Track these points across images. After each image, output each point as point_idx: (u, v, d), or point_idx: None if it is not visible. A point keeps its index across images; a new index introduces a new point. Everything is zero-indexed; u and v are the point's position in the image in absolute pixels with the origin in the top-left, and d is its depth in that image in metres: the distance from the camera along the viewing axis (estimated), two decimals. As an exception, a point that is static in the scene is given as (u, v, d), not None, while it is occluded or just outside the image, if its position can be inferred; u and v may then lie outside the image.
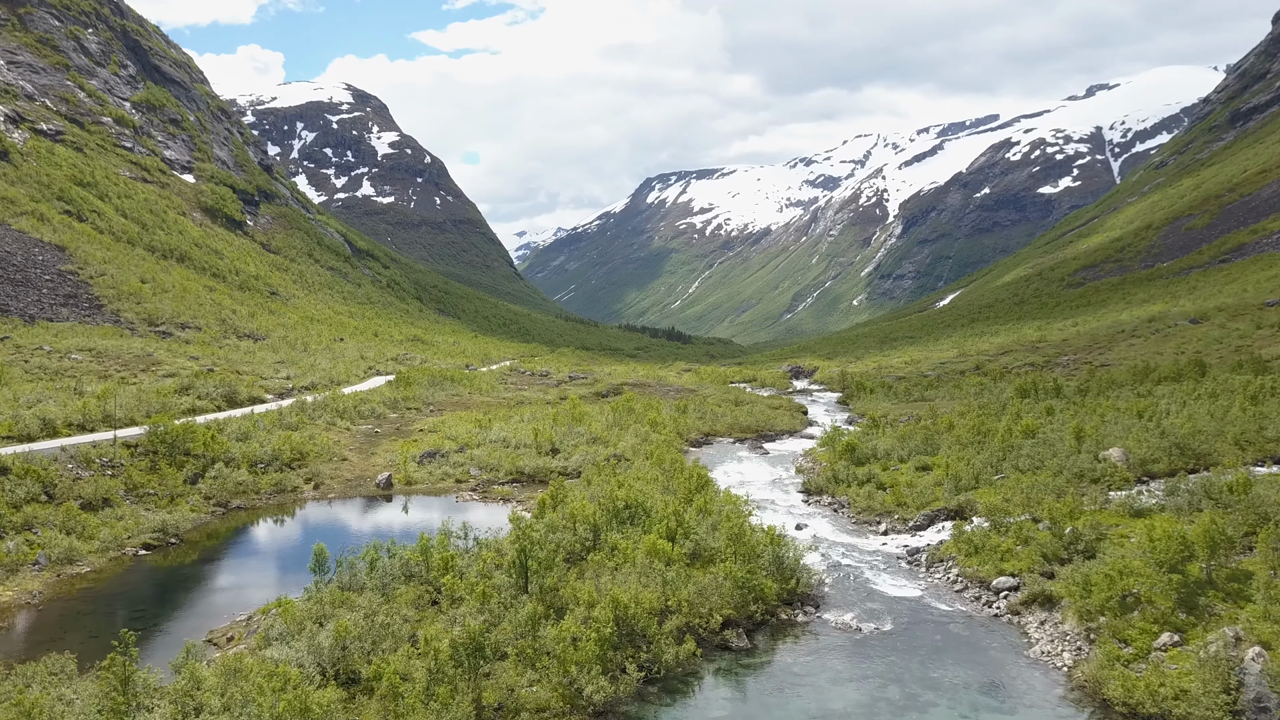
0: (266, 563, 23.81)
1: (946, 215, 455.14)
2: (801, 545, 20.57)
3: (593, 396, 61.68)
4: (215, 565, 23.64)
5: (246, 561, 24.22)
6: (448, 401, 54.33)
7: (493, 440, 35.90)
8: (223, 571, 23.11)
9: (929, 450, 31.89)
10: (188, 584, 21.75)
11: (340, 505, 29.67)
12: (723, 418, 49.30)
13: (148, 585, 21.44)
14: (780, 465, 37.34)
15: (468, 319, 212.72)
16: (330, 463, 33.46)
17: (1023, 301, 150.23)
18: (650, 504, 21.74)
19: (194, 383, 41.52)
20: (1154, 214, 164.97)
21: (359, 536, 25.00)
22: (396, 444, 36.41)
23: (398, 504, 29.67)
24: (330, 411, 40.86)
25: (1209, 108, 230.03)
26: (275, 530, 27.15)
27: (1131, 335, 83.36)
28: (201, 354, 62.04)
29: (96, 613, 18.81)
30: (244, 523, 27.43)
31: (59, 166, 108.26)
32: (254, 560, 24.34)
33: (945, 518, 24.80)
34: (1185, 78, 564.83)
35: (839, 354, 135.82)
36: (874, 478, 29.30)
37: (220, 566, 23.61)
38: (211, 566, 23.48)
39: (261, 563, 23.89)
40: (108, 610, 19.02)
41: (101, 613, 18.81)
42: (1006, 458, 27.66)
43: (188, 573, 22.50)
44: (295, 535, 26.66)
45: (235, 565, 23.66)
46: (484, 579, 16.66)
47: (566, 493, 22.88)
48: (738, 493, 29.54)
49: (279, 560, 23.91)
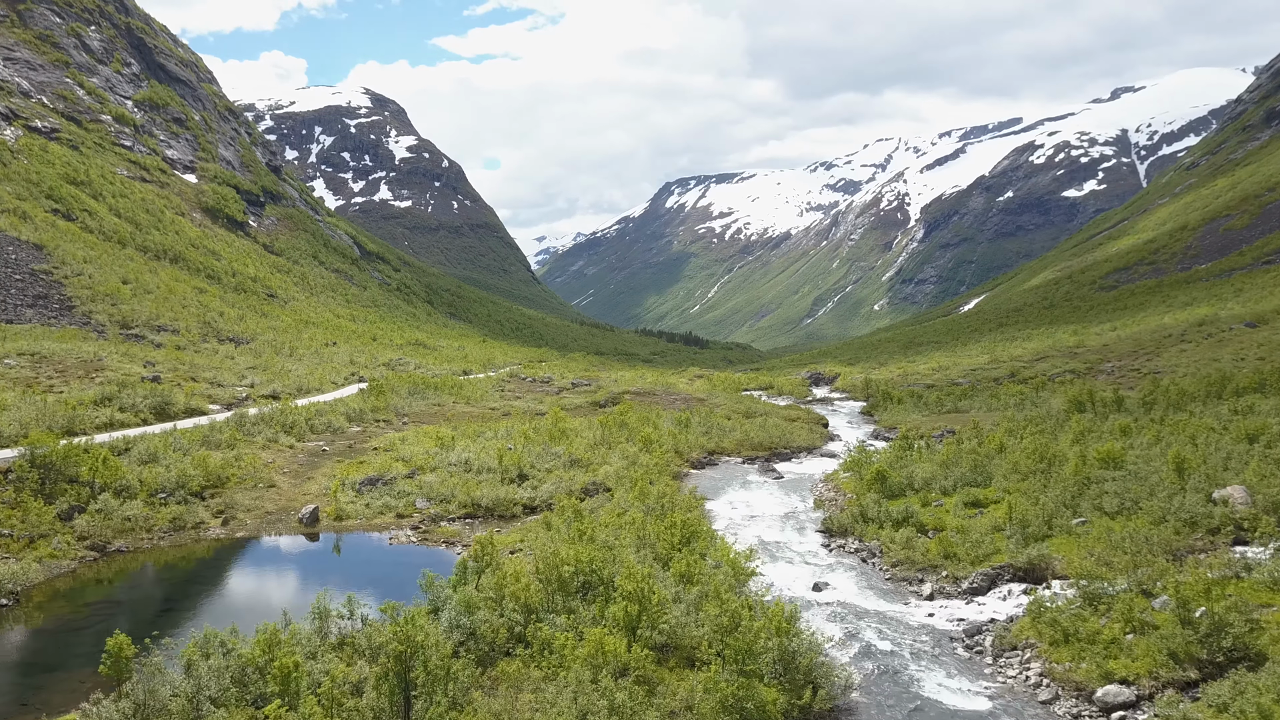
0: (97, 642, 17.17)
1: (969, 219, 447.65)
2: (819, 635, 14.60)
3: (589, 406, 55.86)
4: (26, 646, 17.57)
5: (72, 641, 17.38)
6: (425, 413, 48.67)
7: (452, 463, 30.04)
8: (29, 656, 16.86)
9: (979, 479, 25.85)
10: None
11: (245, 548, 23.94)
12: (731, 432, 43.26)
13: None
14: (796, 493, 31.33)
15: (479, 323, 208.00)
16: (253, 490, 27.76)
17: (1053, 305, 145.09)
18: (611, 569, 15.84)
19: (119, 393, 35.97)
20: (1188, 215, 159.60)
21: (234, 603, 19.21)
22: (341, 466, 30.67)
23: (318, 546, 23.96)
24: (275, 426, 35.20)
25: (1241, 108, 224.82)
26: (146, 587, 21.40)
27: (1181, 340, 77.13)
28: (164, 359, 56.64)
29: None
30: (117, 572, 21.70)
31: (52, 164, 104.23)
32: (84, 639, 17.32)
33: (1011, 578, 18.77)
34: (1212, 80, 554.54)
35: (861, 359, 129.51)
36: (912, 516, 23.28)
37: (31, 648, 17.27)
38: (22, 646, 17.43)
39: (91, 642, 16.91)
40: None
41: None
42: (1083, 494, 21.59)
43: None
44: (162, 595, 20.88)
45: (52, 648, 17.12)
46: (334, 706, 10.82)
47: (494, 553, 16.98)
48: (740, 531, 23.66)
49: (121, 632, 17.71)
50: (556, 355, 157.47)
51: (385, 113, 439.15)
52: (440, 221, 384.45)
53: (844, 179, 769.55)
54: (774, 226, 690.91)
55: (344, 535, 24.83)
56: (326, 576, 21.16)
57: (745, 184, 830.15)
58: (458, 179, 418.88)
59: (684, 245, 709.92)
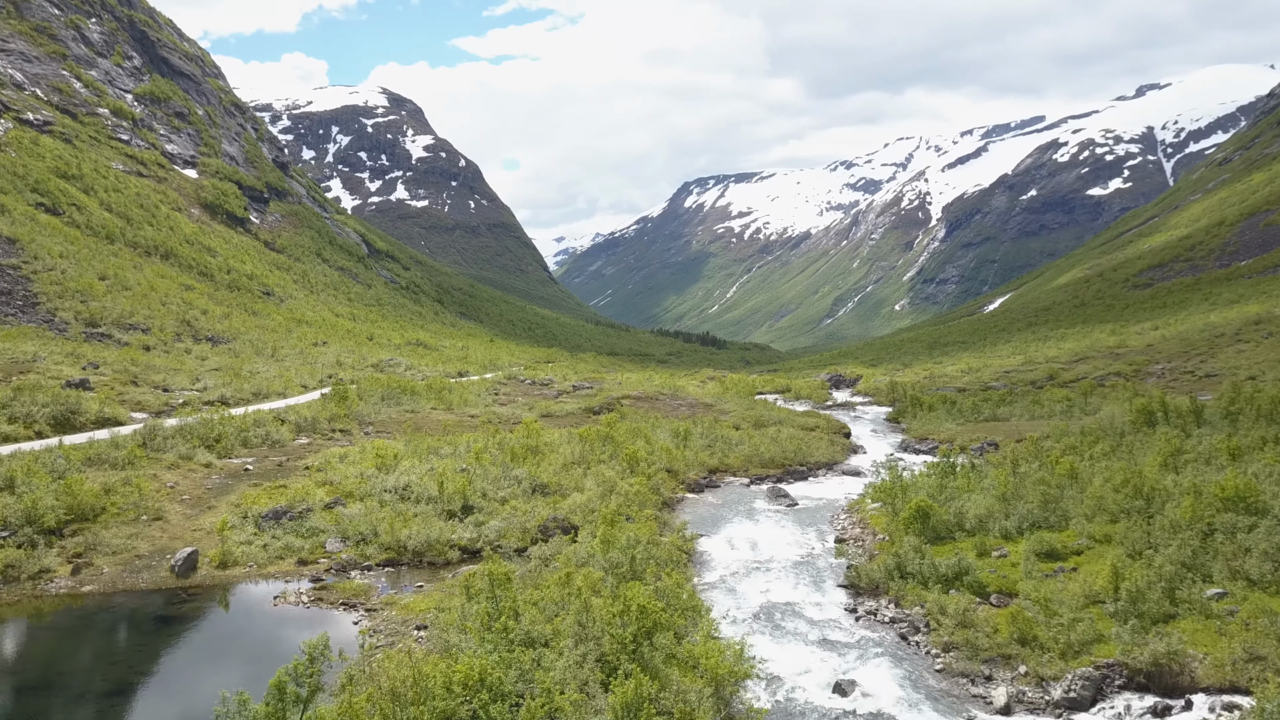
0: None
1: (991, 218, 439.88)
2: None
3: (582, 413, 50.00)
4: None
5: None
6: (394, 421, 43.01)
7: (388, 489, 24.27)
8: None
9: (1052, 518, 19.87)
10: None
11: (76, 612, 18.16)
12: (738, 446, 37.23)
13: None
14: (813, 527, 25.36)
15: (490, 323, 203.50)
16: (131, 526, 22.11)
17: (1084, 304, 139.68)
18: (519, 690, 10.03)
19: (13, 399, 30.43)
20: (1225, 210, 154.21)
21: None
22: (252, 492, 24.96)
23: (178, 610, 18.17)
24: (193, 441, 29.58)
25: (1274, 102, 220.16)
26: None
27: (1236, 339, 70.76)
28: (117, 360, 51.29)
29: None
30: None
31: (42, 158, 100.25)
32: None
33: (1127, 683, 12.84)
34: (1240, 76, 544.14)
35: (884, 360, 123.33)
36: (967, 572, 17.32)
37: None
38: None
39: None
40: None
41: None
42: (1209, 549, 15.63)
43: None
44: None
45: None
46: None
47: (368, 650, 11.17)
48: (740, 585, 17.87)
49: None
50: (566, 356, 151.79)
51: (402, 112, 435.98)
52: (457, 221, 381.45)
53: (864, 178, 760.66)
54: (794, 226, 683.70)
55: (225, 589, 19.14)
56: (151, 664, 15.39)
57: (764, 183, 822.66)
58: (475, 179, 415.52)
59: (703, 245, 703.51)
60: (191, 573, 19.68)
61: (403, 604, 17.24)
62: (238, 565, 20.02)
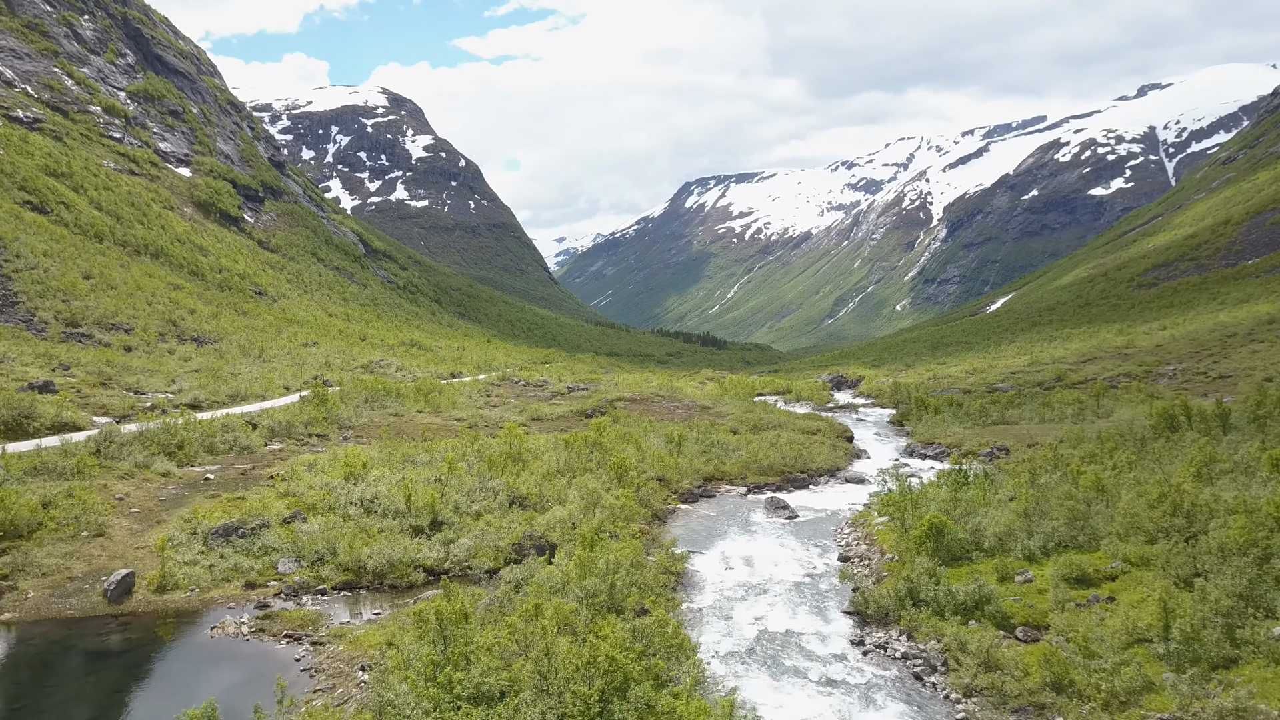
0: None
1: (993, 218, 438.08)
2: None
3: (574, 416, 48.04)
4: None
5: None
6: (375, 425, 41.06)
7: (353, 501, 22.34)
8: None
9: (1081, 537, 17.92)
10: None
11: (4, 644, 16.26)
12: (735, 452, 35.24)
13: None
14: (814, 542, 23.41)
15: (489, 323, 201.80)
16: (69, 543, 20.16)
17: (1089, 304, 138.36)
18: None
19: (-38, 404, 28.53)
20: (1230, 209, 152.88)
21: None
22: (206, 505, 23.01)
23: (99, 643, 16.19)
24: (152, 448, 27.63)
25: (1279, 101, 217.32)
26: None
27: (1250, 339, 69.00)
28: (92, 360, 49.39)
29: None
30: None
31: (30, 155, 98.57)
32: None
33: (1184, 744, 10.94)
34: (1243, 76, 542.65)
35: (886, 361, 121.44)
36: (989, 600, 15.39)
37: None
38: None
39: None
40: None
41: None
42: (1268, 576, 13.67)
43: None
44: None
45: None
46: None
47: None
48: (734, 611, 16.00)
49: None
50: (565, 356, 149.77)
51: (402, 112, 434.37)
52: (457, 221, 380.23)
53: (865, 178, 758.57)
54: (795, 226, 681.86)
55: (161, 617, 17.19)
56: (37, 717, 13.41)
57: (765, 183, 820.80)
58: (475, 179, 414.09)
59: (704, 245, 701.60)
60: (125, 597, 17.73)
61: (353, 636, 15.29)
62: (178, 589, 18.07)
